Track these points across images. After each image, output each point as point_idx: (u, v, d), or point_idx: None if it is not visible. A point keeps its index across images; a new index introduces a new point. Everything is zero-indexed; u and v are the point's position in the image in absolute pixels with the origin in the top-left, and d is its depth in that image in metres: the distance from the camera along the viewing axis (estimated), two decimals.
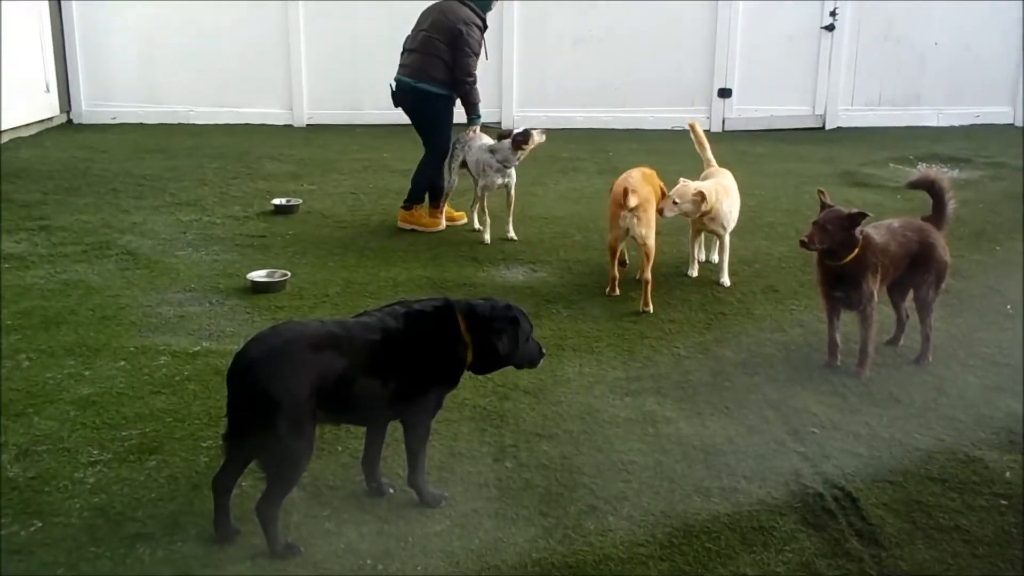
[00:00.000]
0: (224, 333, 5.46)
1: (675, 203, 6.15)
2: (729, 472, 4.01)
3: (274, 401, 3.24)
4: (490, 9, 7.69)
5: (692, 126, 7.05)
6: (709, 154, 6.87)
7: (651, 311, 5.87)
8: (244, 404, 3.33)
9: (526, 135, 7.23)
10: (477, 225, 7.63)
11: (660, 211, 6.14)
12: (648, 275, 5.91)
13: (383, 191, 8.92)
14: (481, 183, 7.44)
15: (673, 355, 5.25)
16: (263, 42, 12.35)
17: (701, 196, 6.15)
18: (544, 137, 7.36)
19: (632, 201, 5.75)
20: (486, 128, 7.98)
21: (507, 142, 7.29)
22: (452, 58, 7.42)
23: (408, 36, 7.80)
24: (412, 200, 7.69)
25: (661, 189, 6.38)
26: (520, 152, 7.27)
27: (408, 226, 7.65)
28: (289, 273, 6.35)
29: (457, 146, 7.63)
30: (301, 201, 8.32)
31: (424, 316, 3.61)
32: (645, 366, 5.10)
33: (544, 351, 3.92)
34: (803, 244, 4.82)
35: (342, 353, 3.38)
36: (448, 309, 3.65)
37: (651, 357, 5.21)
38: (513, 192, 7.48)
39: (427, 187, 7.70)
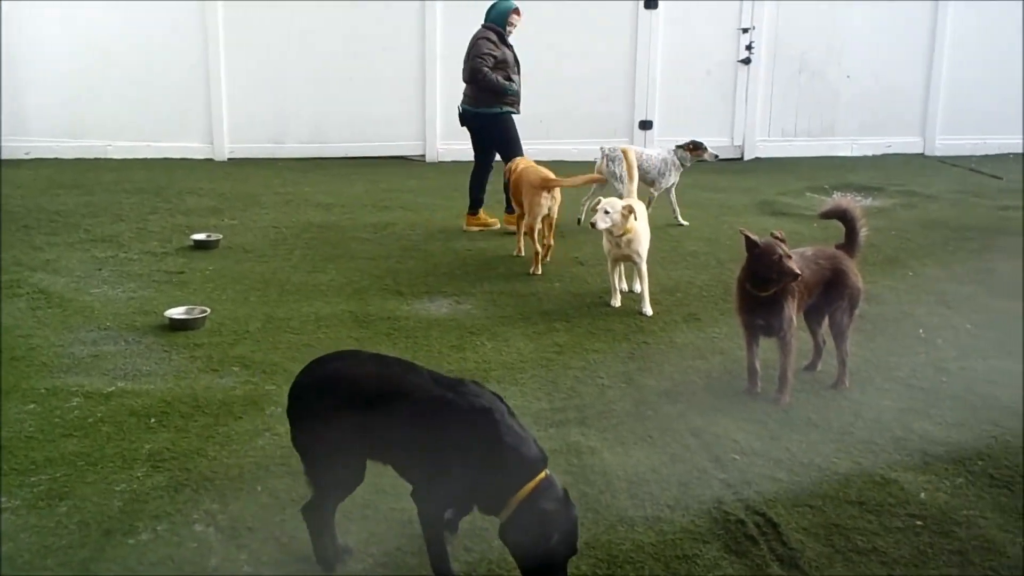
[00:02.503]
0: (140, 372, 5.33)
1: (607, 212, 6.28)
2: (653, 501, 4.02)
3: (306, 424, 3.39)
4: (506, 21, 8.65)
5: (625, 152, 7.22)
6: (633, 185, 6.97)
7: (539, 272, 7.29)
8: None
9: (700, 144, 8.90)
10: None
11: (593, 224, 6.34)
12: (551, 241, 7.53)
13: (306, 225, 8.84)
14: (662, 184, 8.83)
15: (597, 385, 5.26)
16: (183, 75, 12.21)
17: (629, 210, 6.30)
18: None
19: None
20: (411, 160, 8.22)
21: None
22: (470, 87, 8.66)
23: None
24: (475, 207, 8.88)
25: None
26: (696, 156, 8.87)
27: (476, 228, 8.81)
28: (208, 310, 6.24)
29: (616, 158, 8.56)
30: (222, 236, 8.20)
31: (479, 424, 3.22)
32: (569, 397, 5.10)
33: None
34: (794, 276, 4.80)
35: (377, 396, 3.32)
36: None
37: (575, 388, 5.22)
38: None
39: (481, 192, 8.88)
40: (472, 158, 9.04)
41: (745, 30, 12.83)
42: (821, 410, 4.95)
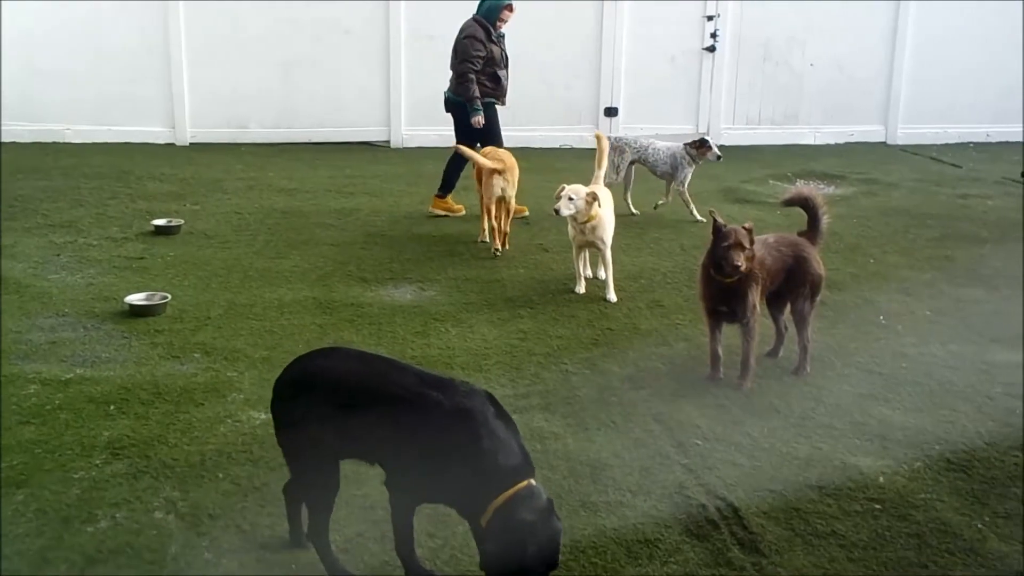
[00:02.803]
0: (99, 359, 5.27)
1: (571, 199, 6.31)
2: (615, 486, 4.03)
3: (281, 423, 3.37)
4: (498, 19, 8.65)
5: (599, 137, 7.24)
6: (602, 172, 6.99)
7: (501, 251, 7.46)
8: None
9: (705, 141, 8.74)
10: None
11: (556, 210, 6.36)
12: (507, 227, 7.59)
13: (269, 210, 8.77)
14: (678, 178, 8.74)
15: (561, 371, 5.27)
16: (143, 58, 12.05)
17: (593, 197, 6.32)
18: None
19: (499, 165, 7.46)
20: (376, 146, 8.14)
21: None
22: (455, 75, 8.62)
23: None
24: (445, 190, 8.84)
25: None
26: (700, 154, 8.68)
27: (441, 212, 8.80)
28: (169, 296, 6.17)
29: (625, 148, 8.77)
30: (183, 221, 8.11)
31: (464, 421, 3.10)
32: (533, 383, 5.11)
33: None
34: (736, 269, 4.82)
35: (361, 391, 3.26)
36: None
37: (539, 374, 5.23)
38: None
39: (456, 179, 8.85)
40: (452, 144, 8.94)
41: (710, 18, 12.87)
42: (782, 395, 5.00)
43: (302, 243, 7.71)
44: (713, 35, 12.87)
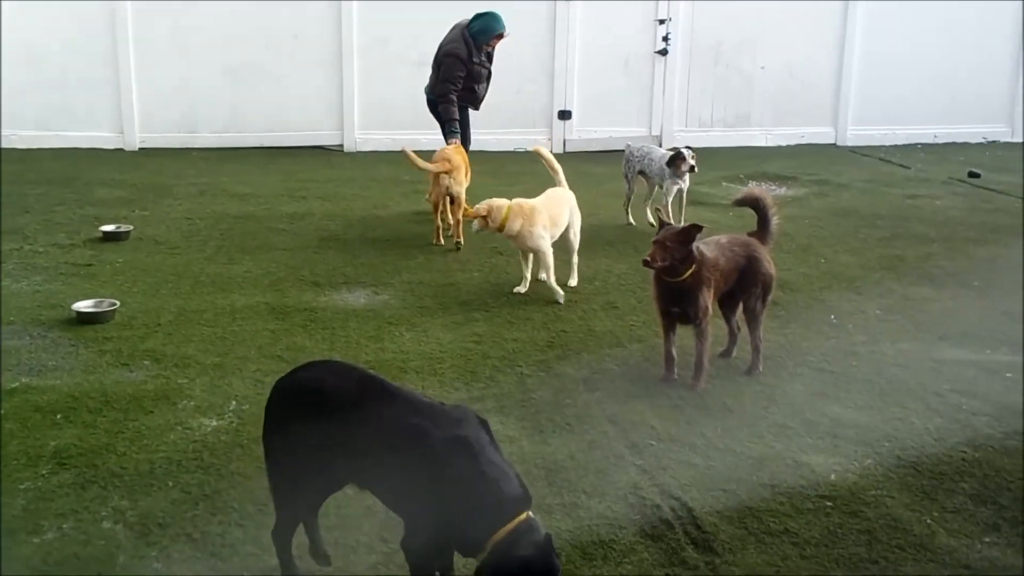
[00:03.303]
0: (46, 367, 5.17)
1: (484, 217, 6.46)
2: (570, 488, 4.03)
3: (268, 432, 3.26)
4: (485, 43, 8.70)
5: (538, 151, 7.24)
6: (561, 177, 7.02)
7: (462, 242, 7.68)
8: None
9: (679, 154, 8.22)
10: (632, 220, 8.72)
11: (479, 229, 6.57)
12: (460, 216, 7.65)
13: (220, 215, 8.68)
14: (664, 187, 8.38)
15: (516, 374, 5.26)
16: (90, 63, 11.85)
17: (488, 210, 6.44)
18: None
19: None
20: (329, 151, 8.06)
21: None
22: (435, 78, 8.75)
23: None
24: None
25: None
26: (676, 168, 8.19)
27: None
28: (118, 303, 6.08)
29: (632, 156, 8.65)
30: (132, 227, 8.00)
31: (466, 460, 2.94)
32: (488, 386, 5.10)
33: None
34: (646, 263, 4.91)
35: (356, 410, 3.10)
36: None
37: (494, 377, 5.22)
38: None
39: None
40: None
41: (662, 21, 12.95)
42: (736, 395, 5.03)
43: (254, 248, 7.63)
44: (665, 38, 12.95)
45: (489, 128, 12.23)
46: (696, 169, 8.29)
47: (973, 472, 4.21)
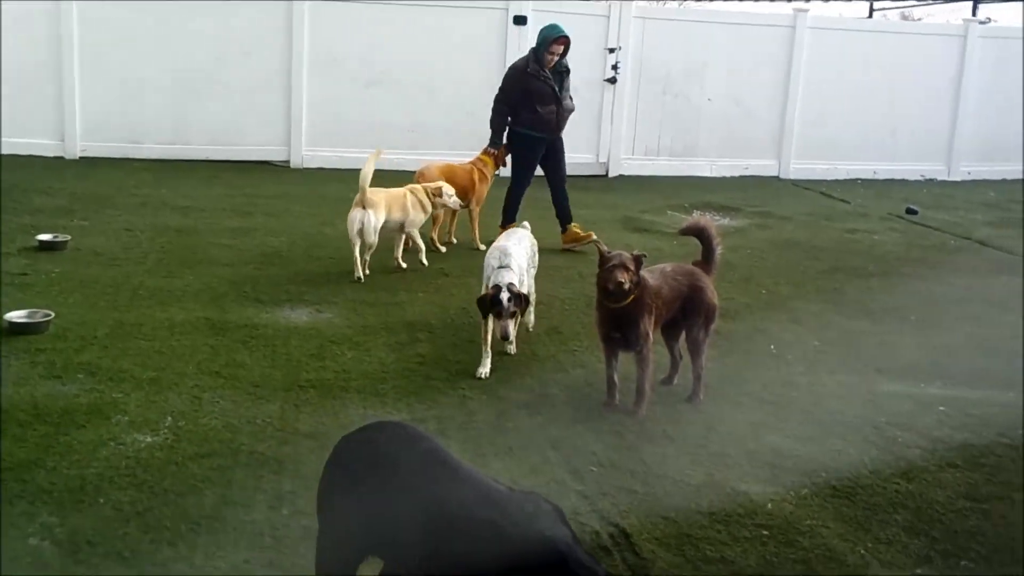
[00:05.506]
0: None
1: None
2: None
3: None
4: (545, 52, 8.51)
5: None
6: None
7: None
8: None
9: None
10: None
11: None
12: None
13: (161, 228, 8.54)
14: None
15: (458, 396, 5.24)
16: (31, 69, 11.62)
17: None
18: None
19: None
20: (275, 166, 7.95)
21: None
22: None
23: None
24: (563, 221, 8.93)
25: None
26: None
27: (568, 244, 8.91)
28: (52, 314, 5.94)
29: None
30: (70, 237, 7.83)
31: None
32: (430, 407, 5.06)
33: None
34: (613, 291, 4.91)
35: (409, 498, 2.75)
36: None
37: (436, 399, 5.19)
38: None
39: (514, 214, 8.81)
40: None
41: (611, 50, 13.08)
42: (676, 423, 5.05)
43: (196, 262, 7.52)
44: (615, 67, 13.09)
45: (438, 149, 12.25)
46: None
47: (907, 504, 4.27)
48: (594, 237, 8.70)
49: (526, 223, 6.73)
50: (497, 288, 5.49)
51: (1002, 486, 4.49)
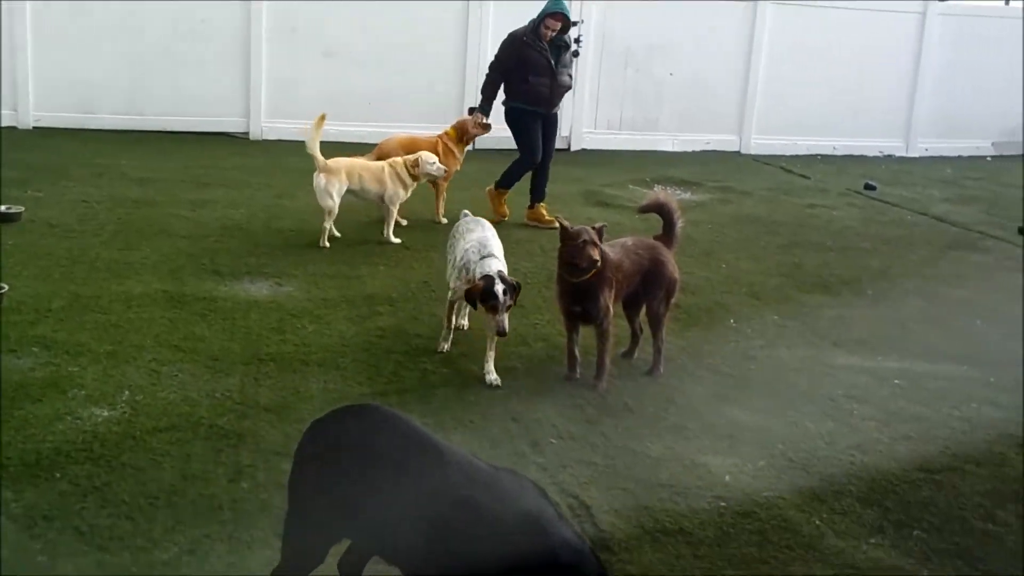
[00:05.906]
0: None
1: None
2: None
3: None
4: (541, 24, 8.55)
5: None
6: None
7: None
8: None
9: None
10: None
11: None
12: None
13: (119, 199, 8.42)
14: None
15: (419, 370, 5.24)
16: None
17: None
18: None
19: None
20: (234, 137, 7.84)
21: None
22: None
23: None
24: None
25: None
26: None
27: (531, 222, 8.82)
28: (6, 287, 5.84)
29: None
30: (24, 209, 7.68)
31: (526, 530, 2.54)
32: (391, 381, 5.06)
33: None
34: (577, 267, 4.92)
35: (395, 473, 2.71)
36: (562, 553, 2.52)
37: (397, 372, 5.18)
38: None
39: (512, 182, 8.80)
40: None
41: (574, 23, 13.00)
42: (637, 396, 5.10)
43: (153, 234, 7.43)
44: (577, 40, 13.01)
45: (399, 121, 12.16)
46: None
47: (861, 475, 4.35)
48: (557, 224, 8.58)
49: (468, 211, 6.47)
50: (489, 279, 5.07)
51: (954, 458, 4.58)
